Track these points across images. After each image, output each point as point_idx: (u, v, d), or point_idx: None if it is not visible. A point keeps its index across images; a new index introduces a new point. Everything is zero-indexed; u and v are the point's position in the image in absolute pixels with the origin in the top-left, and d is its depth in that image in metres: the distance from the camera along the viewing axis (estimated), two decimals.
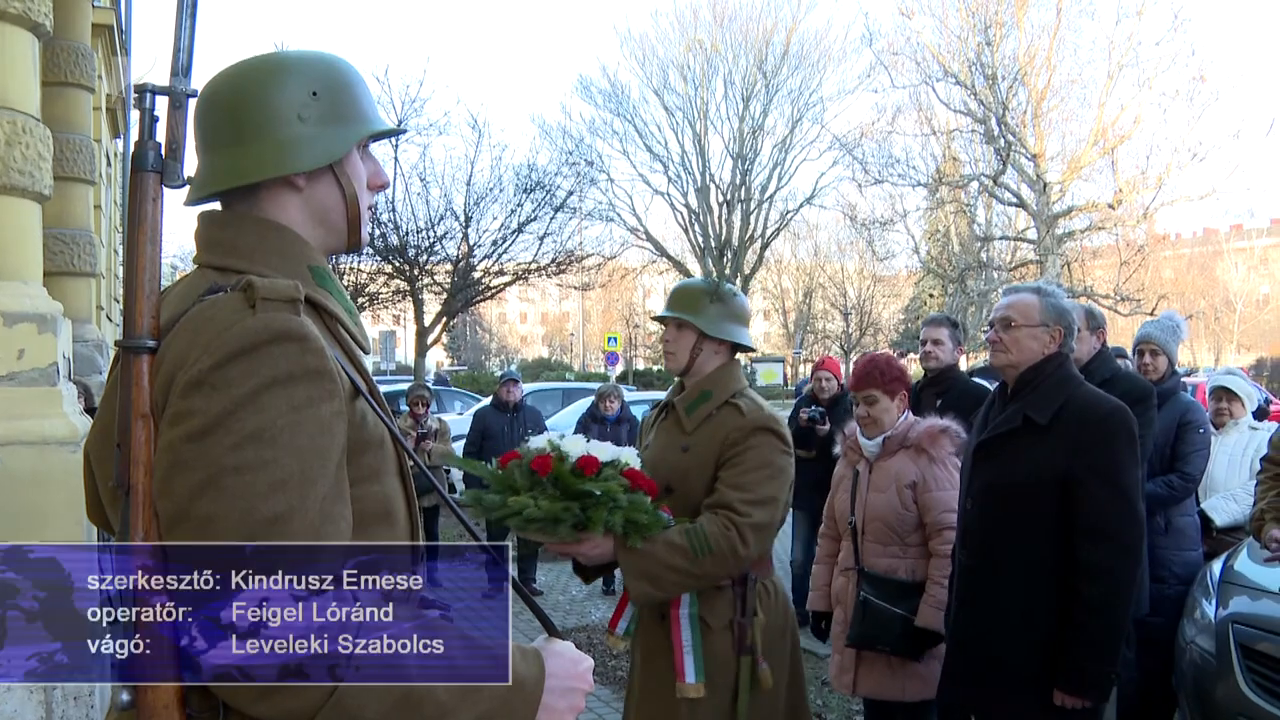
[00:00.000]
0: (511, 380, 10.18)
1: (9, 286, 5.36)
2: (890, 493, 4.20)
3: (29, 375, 5.29)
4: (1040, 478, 3.35)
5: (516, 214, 22.07)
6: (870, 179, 33.44)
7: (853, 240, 43.47)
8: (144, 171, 1.43)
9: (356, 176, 1.59)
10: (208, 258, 1.52)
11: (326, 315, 1.49)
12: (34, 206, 5.63)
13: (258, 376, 1.30)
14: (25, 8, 5.37)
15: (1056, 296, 3.55)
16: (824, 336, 49.02)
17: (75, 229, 9.45)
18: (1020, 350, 3.48)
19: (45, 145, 5.57)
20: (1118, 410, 3.39)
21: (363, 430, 1.43)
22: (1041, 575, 3.33)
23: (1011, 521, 3.41)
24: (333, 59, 1.61)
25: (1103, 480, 3.28)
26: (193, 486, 1.27)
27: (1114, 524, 3.26)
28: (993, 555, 3.46)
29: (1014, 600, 3.38)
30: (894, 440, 4.25)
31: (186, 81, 1.47)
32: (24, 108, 5.46)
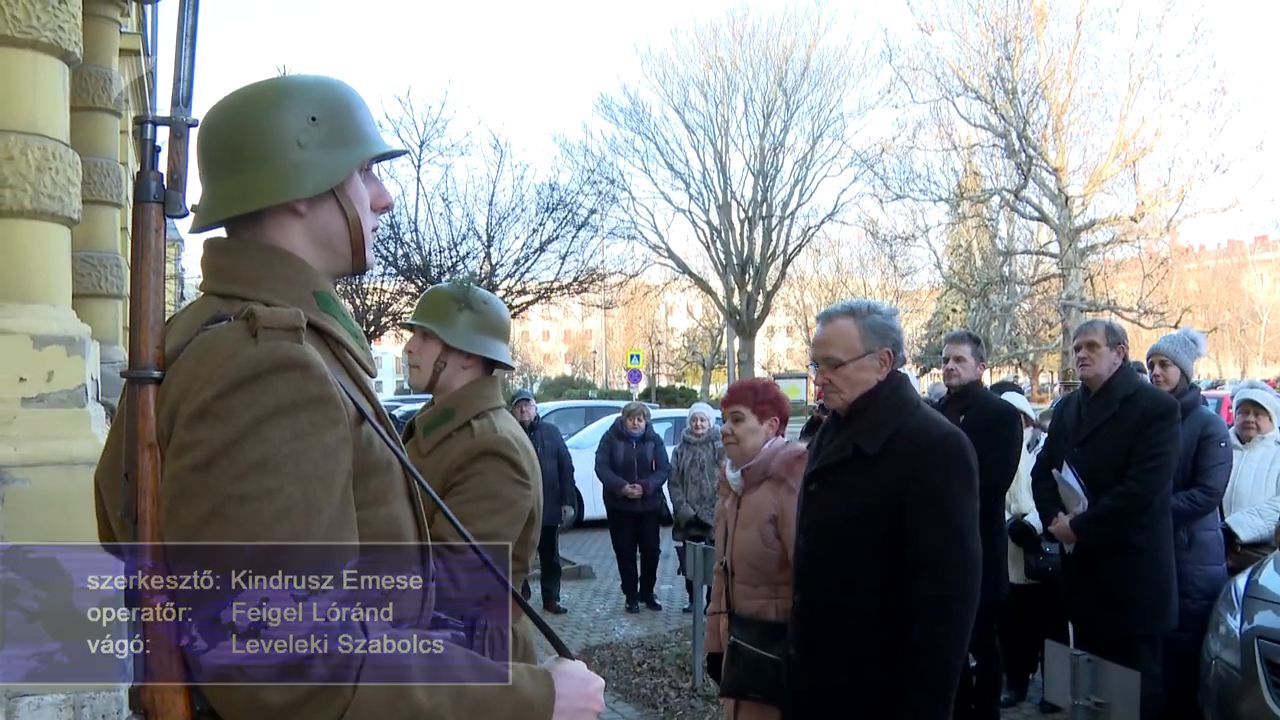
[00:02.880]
0: (524, 400, 10.21)
1: (38, 309, 5.43)
2: (753, 529, 3.90)
3: (58, 397, 5.36)
4: (870, 511, 3.09)
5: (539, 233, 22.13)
6: (891, 194, 33.45)
7: (874, 256, 43.47)
8: (146, 202, 1.45)
9: (359, 199, 1.60)
10: (212, 285, 1.53)
11: (332, 341, 1.50)
12: (63, 230, 5.72)
13: (260, 406, 1.31)
14: (56, 36, 5.46)
15: (875, 313, 3.28)
16: None
17: (102, 251, 9.56)
18: (853, 387, 3.21)
19: (74, 170, 5.66)
20: (950, 437, 3.14)
21: (369, 454, 1.44)
22: (873, 616, 3.07)
23: (842, 558, 3.15)
24: (331, 82, 1.61)
25: (932, 512, 3.02)
26: (198, 516, 1.29)
27: (943, 560, 2.98)
28: (824, 595, 3.21)
29: (846, 644, 3.13)
30: (755, 471, 3.96)
31: (187, 111, 1.48)
32: (54, 134, 5.55)
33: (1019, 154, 30.12)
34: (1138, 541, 4.90)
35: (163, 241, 1.45)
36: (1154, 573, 4.90)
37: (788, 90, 37.81)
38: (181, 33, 1.48)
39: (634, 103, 37.89)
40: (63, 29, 5.54)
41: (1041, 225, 32.64)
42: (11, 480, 5.09)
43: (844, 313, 3.29)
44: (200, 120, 1.54)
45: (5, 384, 5.24)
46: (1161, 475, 4.88)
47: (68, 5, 5.60)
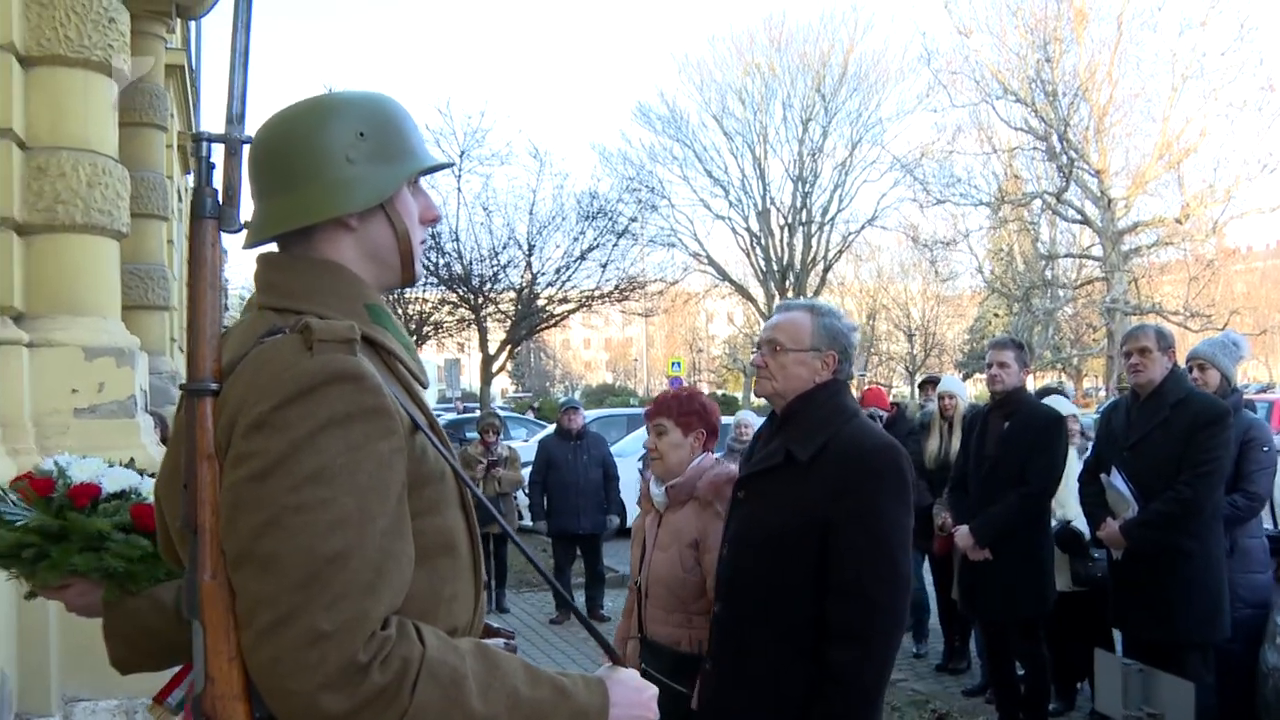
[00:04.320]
0: (572, 408, 10.20)
1: (89, 322, 5.52)
2: (672, 552, 3.66)
3: (109, 408, 5.44)
4: (798, 522, 2.89)
5: (579, 241, 22.22)
6: (932, 199, 33.30)
7: (915, 261, 43.17)
8: (202, 218, 1.47)
9: (407, 213, 1.61)
10: (266, 299, 1.55)
11: (384, 352, 1.51)
12: (113, 244, 5.81)
13: (315, 417, 1.33)
14: (106, 55, 5.56)
15: (833, 316, 3.14)
16: (888, 359, 48.60)
17: (150, 264, 9.70)
18: (787, 377, 3.05)
19: (123, 185, 5.75)
20: (884, 449, 2.95)
21: (423, 464, 1.46)
22: (795, 637, 2.87)
23: (767, 571, 2.96)
24: (379, 98, 1.63)
25: (860, 529, 2.81)
26: (255, 526, 1.31)
27: (868, 578, 2.79)
28: (745, 610, 3.01)
29: (764, 665, 2.93)
30: (680, 490, 3.70)
31: (241, 128, 1.51)
32: (104, 150, 5.64)
33: (1060, 157, 29.87)
34: (1188, 547, 4.84)
35: (218, 256, 1.48)
36: (1205, 579, 4.83)
37: (826, 96, 37.70)
38: (234, 52, 1.50)
39: (672, 110, 37.95)
40: (112, 47, 5.64)
41: (1084, 228, 32.35)
42: None
43: (804, 307, 3.18)
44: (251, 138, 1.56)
45: (58, 395, 5.33)
46: (1213, 481, 4.82)
47: (117, 24, 5.70)
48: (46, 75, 5.47)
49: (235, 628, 1.34)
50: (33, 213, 5.38)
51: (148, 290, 9.54)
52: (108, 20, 5.62)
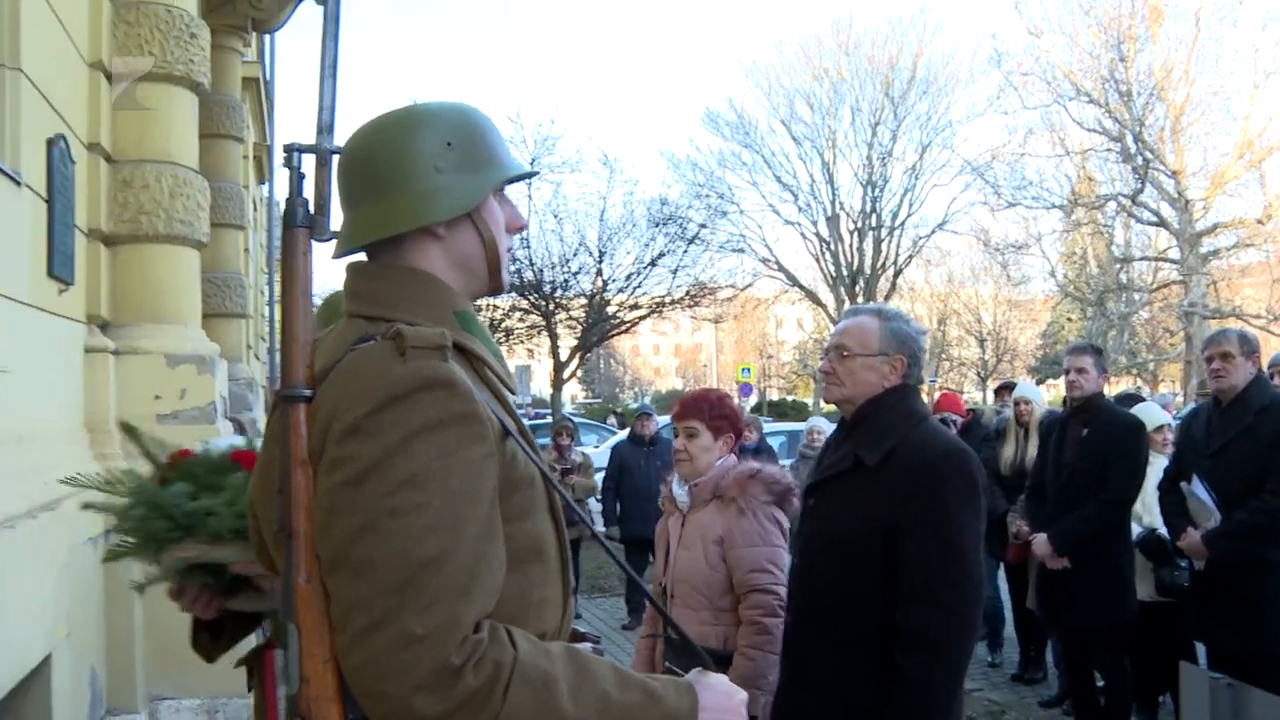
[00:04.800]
0: (646, 414, 10.20)
1: (171, 330, 5.65)
2: (697, 550, 3.67)
3: (190, 414, 5.55)
4: (868, 527, 2.86)
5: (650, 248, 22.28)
6: (1003, 202, 32.91)
7: (986, 265, 42.66)
8: (294, 228, 1.50)
9: (494, 221, 1.63)
10: (357, 307, 1.57)
11: (474, 359, 1.52)
12: (194, 253, 5.94)
13: (409, 423, 1.34)
14: (188, 69, 5.69)
15: (900, 320, 3.11)
16: (959, 364, 48.04)
17: (227, 272, 9.89)
18: (855, 383, 3.03)
19: (203, 195, 5.88)
20: (955, 453, 2.91)
21: (513, 470, 1.47)
22: (864, 642, 2.84)
23: (837, 578, 2.93)
24: (465, 108, 1.65)
25: (930, 533, 2.78)
26: (350, 531, 1.32)
27: (938, 584, 2.75)
28: (817, 617, 2.99)
29: (835, 672, 2.91)
30: (704, 488, 3.72)
31: (330, 139, 1.53)
32: (185, 161, 5.77)
33: (1135, 158, 29.35)
34: (1274, 558, 4.72)
35: (310, 264, 1.50)
36: None
37: (895, 99, 37.43)
38: (323, 65, 1.53)
39: (740, 116, 37.91)
40: (193, 62, 5.78)
41: (1160, 230, 31.75)
42: None
43: (871, 312, 3.15)
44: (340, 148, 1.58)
45: (142, 401, 5.46)
46: None
47: (198, 39, 5.83)
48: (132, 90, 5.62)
49: (330, 630, 1.36)
50: (118, 224, 5.53)
51: (225, 298, 9.73)
52: (189, 36, 5.76)
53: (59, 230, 4.69)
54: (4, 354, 2.88)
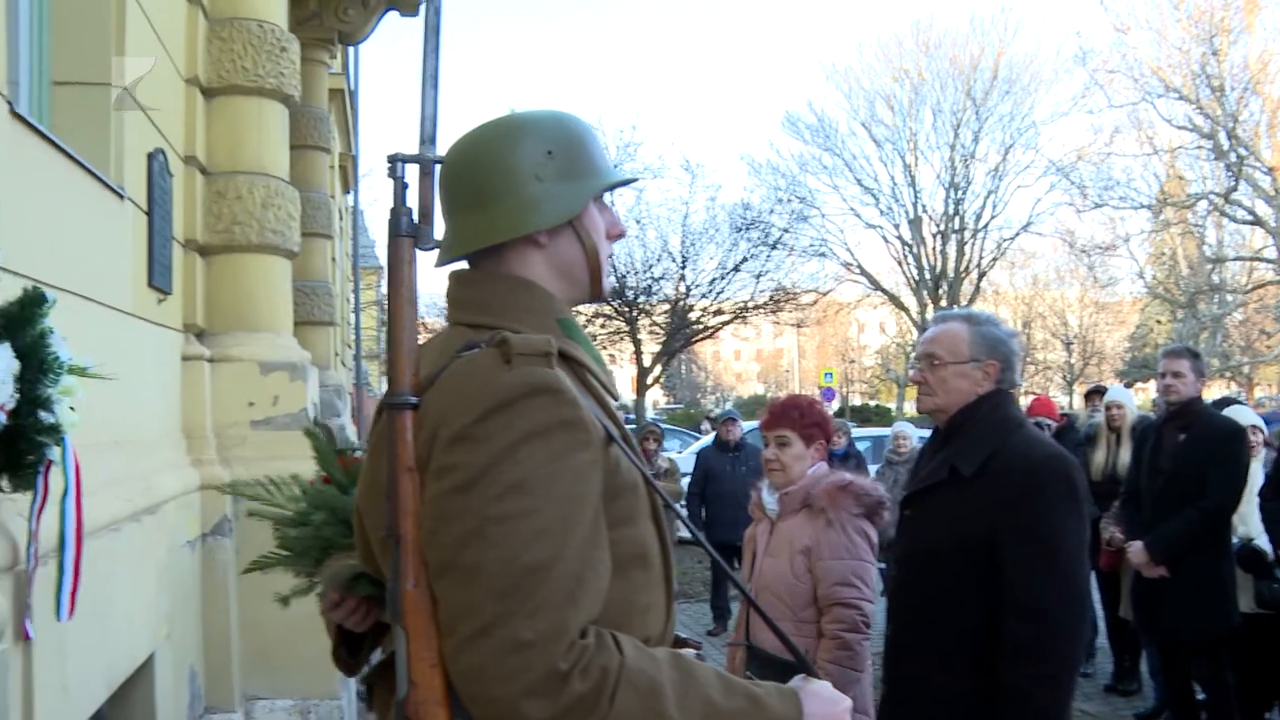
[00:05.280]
0: (730, 419, 10.14)
1: (264, 338, 5.76)
2: (783, 559, 3.63)
3: (283, 420, 5.66)
4: (965, 539, 2.82)
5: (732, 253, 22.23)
6: (1089, 203, 32.26)
7: (1072, 267, 41.80)
8: (399, 237, 1.52)
9: (595, 229, 1.64)
10: (460, 315, 1.59)
11: (577, 366, 1.53)
12: (285, 263, 6.06)
13: (516, 430, 1.36)
14: (279, 82, 5.81)
15: (991, 324, 3.06)
16: (1045, 368, 47.15)
17: (316, 281, 10.07)
18: (948, 391, 2.98)
19: (294, 206, 6.00)
20: (1053, 459, 2.86)
21: (617, 476, 1.47)
22: (969, 656, 2.79)
23: (936, 590, 2.89)
24: (565, 116, 1.66)
25: (1031, 543, 2.72)
26: (459, 536, 1.34)
27: (1042, 595, 2.69)
28: (917, 631, 2.95)
29: (938, 686, 2.85)
30: (793, 498, 3.69)
31: (433, 149, 1.55)
32: (277, 172, 5.89)
33: (1228, 154, 28.56)
34: None
35: (415, 273, 1.51)
36: None
37: (977, 100, 36.85)
38: (425, 76, 1.54)
39: (820, 119, 37.55)
40: (284, 74, 5.90)
41: (1255, 229, 30.84)
42: (244, 499, 5.39)
43: (960, 317, 3.10)
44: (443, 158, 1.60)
45: (236, 408, 5.59)
46: None
47: (288, 53, 5.95)
48: (225, 104, 5.76)
49: (438, 635, 1.37)
50: (213, 234, 5.66)
51: (314, 306, 9.89)
52: (280, 50, 5.88)
53: (158, 242, 4.81)
54: (108, 362, 2.96)
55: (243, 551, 5.43)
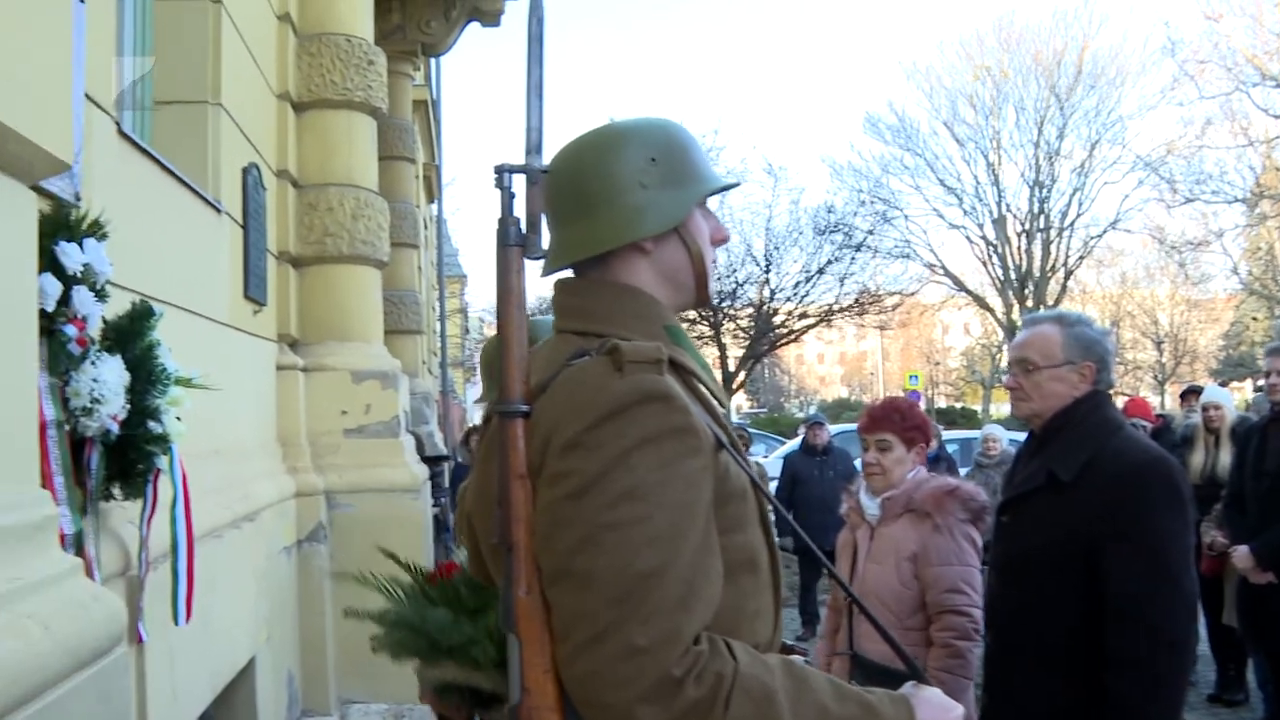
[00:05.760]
0: (818, 423, 10.06)
1: (356, 347, 5.86)
2: (888, 565, 3.55)
3: (375, 428, 5.75)
4: (1065, 545, 2.75)
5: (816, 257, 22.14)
6: (1179, 198, 31.47)
7: (1163, 264, 40.82)
8: (507, 246, 1.52)
9: (700, 234, 1.64)
10: (567, 323, 1.60)
11: (685, 373, 1.53)
12: (375, 273, 6.16)
13: (628, 437, 1.36)
14: (367, 95, 5.92)
15: (1083, 324, 2.98)
16: (1134, 368, 46.08)
17: (403, 290, 10.23)
18: (1043, 396, 2.92)
19: (384, 216, 6.09)
20: (1155, 462, 2.77)
21: (726, 482, 1.47)
22: (1072, 664, 2.72)
23: (1035, 598, 2.82)
24: (666, 124, 1.66)
25: (1135, 548, 2.64)
26: (572, 543, 1.35)
27: (1148, 602, 2.60)
28: (1016, 640, 2.89)
29: (1040, 696, 2.78)
30: (896, 502, 3.60)
31: (539, 159, 1.56)
32: (366, 184, 6.00)
33: None
34: None
35: (523, 282, 1.52)
36: None
37: (1061, 96, 36.12)
38: (529, 86, 1.55)
39: (901, 119, 37.08)
40: (371, 88, 6.00)
41: None
42: (338, 505, 5.51)
43: (1050, 319, 3.03)
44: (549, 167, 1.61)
45: (329, 417, 5.69)
46: None
47: (375, 66, 6.06)
48: (315, 118, 5.88)
49: (551, 641, 1.38)
50: (305, 246, 5.78)
51: (402, 315, 10.04)
52: (367, 63, 5.99)
53: (253, 254, 4.93)
54: (208, 373, 3.04)
55: (337, 557, 5.53)
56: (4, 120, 1.54)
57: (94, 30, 2.86)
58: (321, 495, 5.51)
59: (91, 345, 2.44)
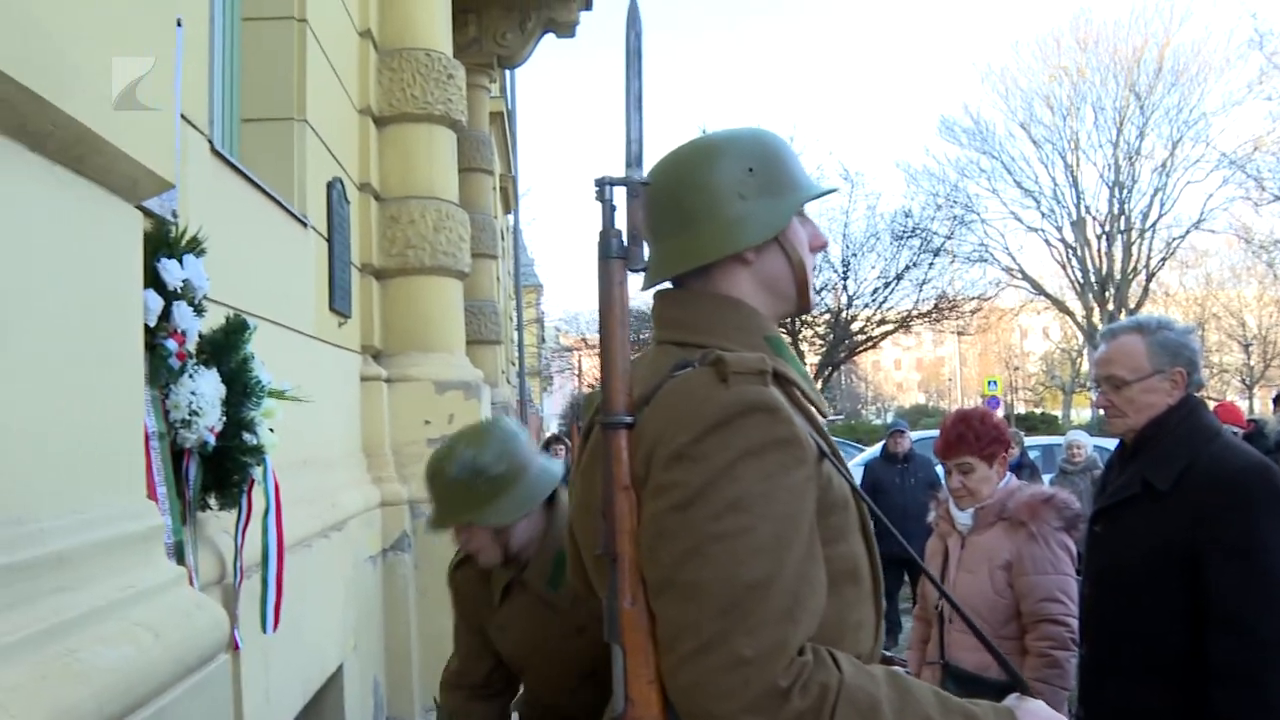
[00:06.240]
0: (899, 431, 9.95)
1: (439, 358, 5.93)
2: (982, 574, 3.51)
3: None
4: (1163, 555, 2.67)
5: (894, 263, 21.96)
6: (1268, 195, 30.66)
7: (1249, 265, 39.81)
8: (609, 259, 1.52)
9: (800, 242, 1.63)
10: (669, 335, 1.60)
11: (788, 383, 1.52)
12: (457, 284, 6.23)
13: (733, 448, 1.35)
14: (447, 108, 5.99)
15: (1165, 329, 2.88)
16: (1220, 371, 44.96)
17: (482, 300, 10.32)
18: (1138, 410, 2.84)
19: (465, 228, 6.16)
20: (1255, 468, 2.67)
21: (829, 492, 1.46)
22: (1171, 676, 2.64)
23: (1132, 609, 2.75)
24: (761, 133, 1.66)
25: (1234, 556, 2.55)
26: (678, 555, 1.34)
27: (1252, 612, 2.52)
28: (1113, 651, 2.82)
29: (1137, 708, 2.71)
30: (989, 511, 3.55)
31: (639, 171, 1.55)
32: (447, 196, 6.07)
33: None
34: None
35: (626, 294, 1.52)
36: None
37: (1141, 94, 35.40)
38: (629, 99, 1.55)
39: (976, 122, 36.63)
40: (451, 101, 6.08)
41: None
42: (422, 514, 5.57)
43: (1131, 329, 2.94)
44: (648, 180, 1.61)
45: (413, 426, 5.76)
46: None
47: (455, 79, 6.13)
48: (396, 132, 5.97)
49: (655, 652, 1.38)
50: (387, 258, 5.86)
51: (481, 325, 10.14)
52: (447, 77, 6.06)
53: (338, 267, 5.01)
54: (296, 385, 3.10)
55: (421, 566, 5.59)
56: (113, 142, 1.58)
57: (188, 50, 2.93)
58: (406, 504, 5.57)
59: (190, 359, 2.50)
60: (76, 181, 1.57)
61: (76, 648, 1.41)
